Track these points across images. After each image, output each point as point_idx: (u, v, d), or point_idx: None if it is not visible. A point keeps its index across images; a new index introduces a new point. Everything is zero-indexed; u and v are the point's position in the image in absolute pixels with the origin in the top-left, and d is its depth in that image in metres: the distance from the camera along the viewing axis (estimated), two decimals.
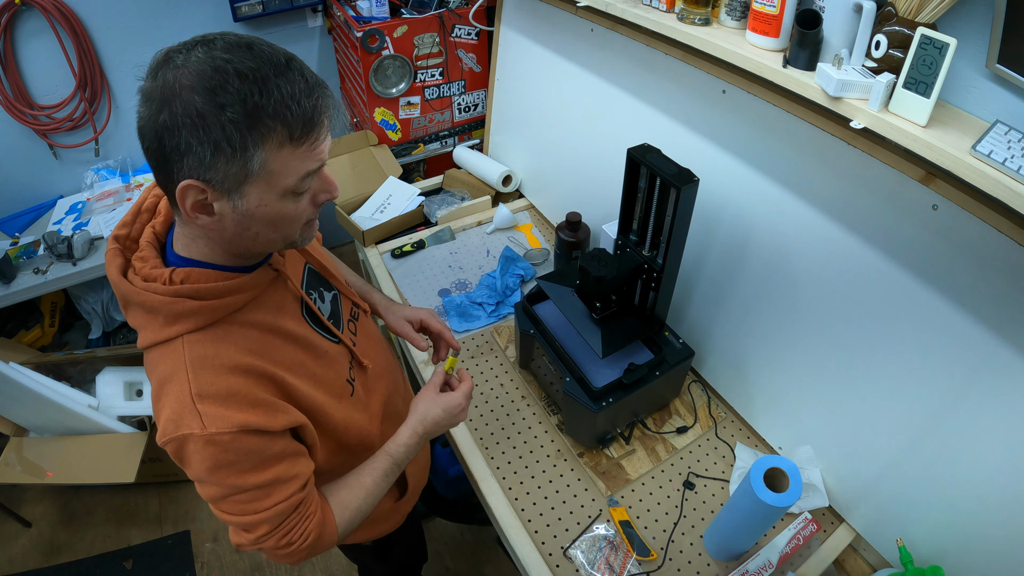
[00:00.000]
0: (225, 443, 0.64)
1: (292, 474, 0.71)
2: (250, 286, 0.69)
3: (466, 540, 1.84)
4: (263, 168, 0.57)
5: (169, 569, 1.80)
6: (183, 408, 0.63)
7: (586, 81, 1.40)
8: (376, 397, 0.92)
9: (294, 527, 0.72)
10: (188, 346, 0.65)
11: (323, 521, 0.75)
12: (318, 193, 0.66)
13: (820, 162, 0.92)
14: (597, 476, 1.11)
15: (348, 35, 1.82)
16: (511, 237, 1.68)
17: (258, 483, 0.68)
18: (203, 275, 0.66)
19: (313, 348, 0.78)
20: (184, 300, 0.64)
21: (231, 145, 0.55)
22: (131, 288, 0.65)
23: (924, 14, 0.71)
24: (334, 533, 0.77)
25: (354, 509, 0.79)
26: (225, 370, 0.65)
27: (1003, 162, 0.64)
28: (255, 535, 0.70)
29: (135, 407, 1.83)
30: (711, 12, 0.96)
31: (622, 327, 1.09)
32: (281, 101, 0.55)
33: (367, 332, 0.95)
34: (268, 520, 0.69)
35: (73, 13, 1.77)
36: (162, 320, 0.64)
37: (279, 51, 0.58)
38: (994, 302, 0.75)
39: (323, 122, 0.60)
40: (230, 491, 0.67)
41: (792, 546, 0.98)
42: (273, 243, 0.67)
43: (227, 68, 0.54)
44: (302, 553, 0.74)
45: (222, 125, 0.54)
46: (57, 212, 2.00)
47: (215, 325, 0.67)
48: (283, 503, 0.70)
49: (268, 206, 0.61)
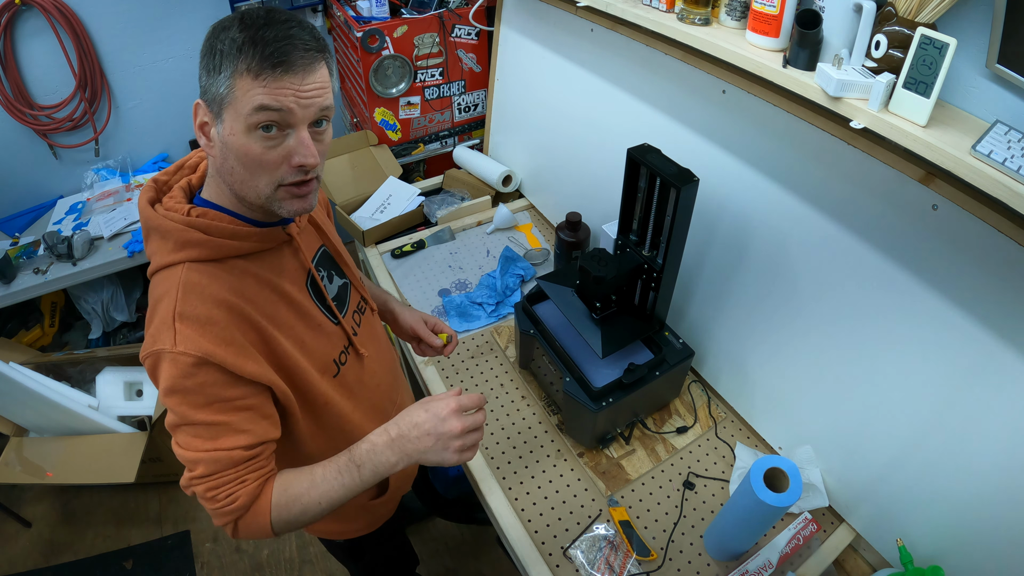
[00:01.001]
0: (186, 367, 0.66)
1: (244, 428, 0.71)
2: (258, 237, 0.74)
3: (466, 540, 1.84)
4: (229, 92, 0.64)
5: (169, 569, 1.80)
6: (163, 324, 0.67)
7: (586, 81, 1.40)
8: (367, 391, 0.92)
9: (226, 484, 0.71)
10: (186, 271, 0.69)
11: (258, 494, 0.73)
12: (291, 154, 0.67)
13: (820, 162, 0.92)
14: (597, 476, 1.11)
15: (348, 35, 1.82)
16: (511, 237, 1.68)
17: (206, 420, 0.69)
18: (218, 216, 0.72)
19: (308, 317, 0.80)
20: (193, 231, 0.70)
21: (215, 68, 0.64)
22: (153, 214, 0.72)
23: (924, 14, 0.71)
24: (266, 512, 0.74)
25: (292, 496, 0.75)
26: (211, 300, 0.69)
27: (1003, 162, 0.64)
28: (191, 474, 0.71)
29: (135, 407, 1.83)
30: (711, 12, 0.96)
31: (622, 327, 1.09)
32: (251, 39, 0.62)
33: (371, 328, 0.96)
34: (203, 462, 0.70)
35: (73, 13, 1.77)
36: (171, 245, 0.70)
37: (290, 15, 0.67)
38: (994, 302, 0.75)
39: (284, 63, 0.63)
40: (180, 420, 0.69)
41: (792, 546, 0.98)
42: (248, 186, 0.69)
43: (237, 17, 0.65)
44: (227, 515, 0.72)
45: (213, 51, 0.64)
46: (57, 212, 2.00)
47: (218, 263, 0.72)
48: (223, 451, 0.70)
49: (235, 136, 0.66)
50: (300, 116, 0.66)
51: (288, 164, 0.68)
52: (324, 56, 0.68)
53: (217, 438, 0.70)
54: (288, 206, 0.71)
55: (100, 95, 1.94)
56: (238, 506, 0.72)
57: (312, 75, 0.66)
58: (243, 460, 0.72)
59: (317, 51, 0.66)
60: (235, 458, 0.71)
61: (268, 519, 0.74)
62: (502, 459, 1.14)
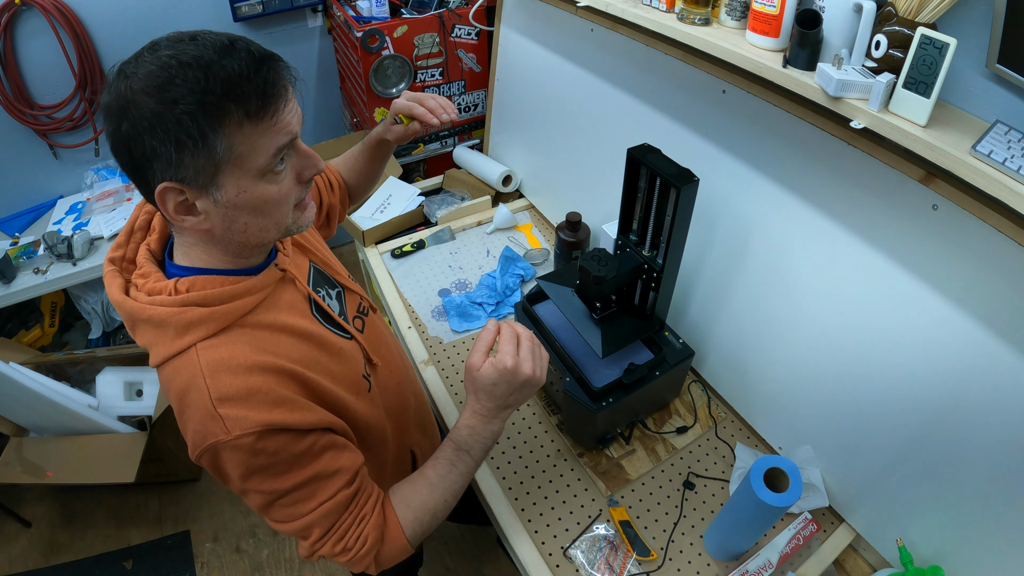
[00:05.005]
0: (251, 445, 0.61)
1: (334, 468, 0.68)
2: (258, 287, 0.68)
3: (466, 540, 1.84)
4: (230, 152, 0.56)
5: (169, 569, 1.80)
6: (206, 416, 0.61)
7: (586, 81, 1.40)
8: (390, 395, 0.91)
9: (348, 530, 0.69)
10: (202, 353, 0.62)
11: (383, 523, 0.71)
12: (301, 170, 0.64)
13: (820, 162, 0.92)
14: (597, 476, 1.11)
15: (348, 35, 1.82)
16: (511, 237, 1.68)
17: (297, 483, 0.65)
18: (209, 281, 0.64)
19: (327, 345, 0.76)
20: (192, 308, 0.62)
21: (191, 137, 0.54)
22: (136, 305, 0.63)
23: (924, 14, 0.71)
24: (400, 535, 0.72)
25: (418, 506, 0.74)
26: (243, 370, 0.63)
27: (1003, 162, 0.64)
28: (310, 541, 0.68)
29: (135, 407, 1.83)
30: (711, 12, 0.96)
31: (622, 327, 1.09)
32: (228, 80, 0.53)
33: (375, 329, 0.94)
34: (316, 523, 0.67)
35: (73, 13, 1.77)
36: (172, 332, 0.62)
37: (223, 35, 0.57)
38: (994, 302, 0.75)
39: (280, 93, 0.57)
40: (271, 496, 0.65)
41: (792, 546, 0.98)
42: (266, 231, 0.64)
43: (171, 63, 0.53)
44: (366, 558, 0.70)
45: (177, 119, 0.53)
46: (57, 212, 2.01)
47: (227, 331, 0.65)
48: (328, 502, 0.67)
49: (248, 192, 0.59)
50: (299, 131, 0.62)
51: (297, 183, 0.64)
52: (274, 56, 0.60)
53: (315, 494, 0.67)
54: (304, 220, 0.68)
55: (100, 95, 1.94)
56: (372, 544, 0.70)
57: (289, 86, 0.60)
58: (350, 499, 0.69)
59: (273, 56, 0.59)
60: (342, 501, 0.68)
61: (404, 540, 0.72)
62: (502, 459, 1.14)
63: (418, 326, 1.42)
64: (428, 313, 1.45)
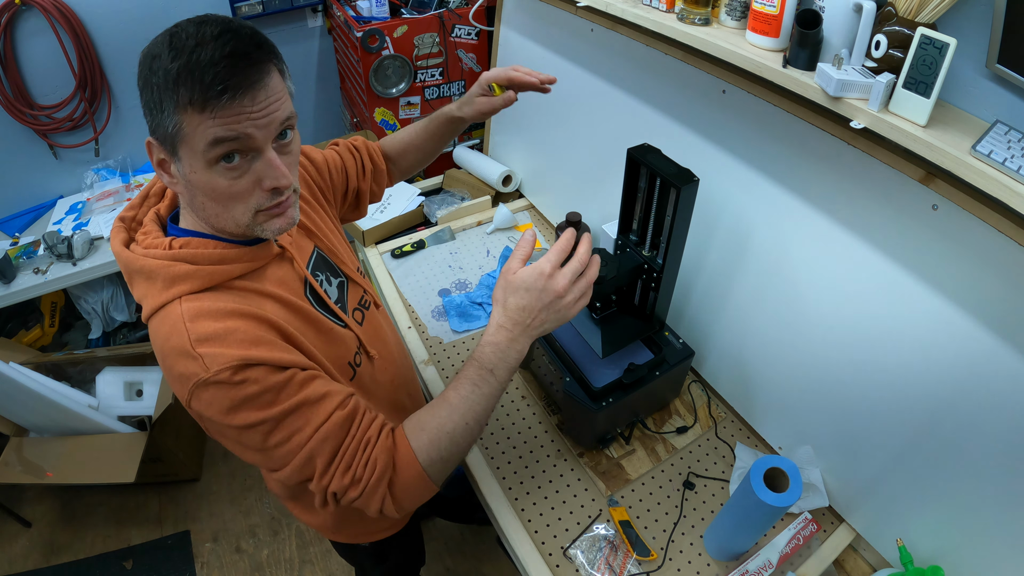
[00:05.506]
0: (229, 379, 0.61)
1: (322, 392, 0.65)
2: (248, 256, 0.70)
3: (466, 540, 1.84)
4: (179, 130, 0.59)
5: (169, 569, 1.80)
6: (185, 358, 0.62)
7: (586, 81, 1.40)
8: (383, 390, 0.91)
9: (355, 457, 0.64)
10: (185, 304, 0.65)
11: (392, 447, 0.66)
12: (262, 178, 0.63)
13: (820, 162, 0.92)
14: (597, 476, 1.11)
15: (348, 35, 1.82)
16: (511, 237, 1.68)
17: (284, 409, 0.63)
18: (201, 243, 0.68)
19: (314, 322, 0.75)
20: (180, 264, 0.65)
21: (157, 106, 0.59)
22: (131, 255, 0.67)
23: (924, 14, 0.71)
24: (412, 459, 0.66)
25: (434, 428, 0.67)
26: (222, 314, 0.64)
27: (1003, 162, 0.64)
28: (316, 476, 0.64)
29: (135, 407, 1.83)
30: (711, 12, 0.96)
31: (622, 327, 1.09)
32: (187, 68, 0.56)
33: (375, 324, 0.93)
34: (317, 450, 0.63)
35: (73, 13, 1.78)
36: (160, 284, 0.65)
37: (230, 24, 0.60)
38: (994, 302, 0.75)
39: (235, 90, 0.57)
40: (262, 432, 0.63)
41: (792, 546, 0.98)
42: (222, 220, 0.66)
43: (166, 40, 0.59)
44: (378, 489, 0.65)
45: (149, 85, 0.59)
46: (57, 212, 2.01)
47: (212, 290, 0.67)
48: (325, 424, 0.64)
49: (197, 174, 0.62)
50: (261, 138, 0.61)
51: (260, 189, 0.64)
52: (272, 61, 0.61)
53: (309, 420, 0.64)
54: (271, 227, 0.67)
55: (100, 95, 1.94)
56: (382, 469, 0.64)
57: (263, 90, 0.59)
58: (348, 420, 0.65)
59: (262, 60, 0.59)
60: (338, 422, 0.65)
61: (418, 466, 0.66)
62: (502, 459, 1.14)
63: (418, 326, 1.42)
64: (428, 313, 1.46)
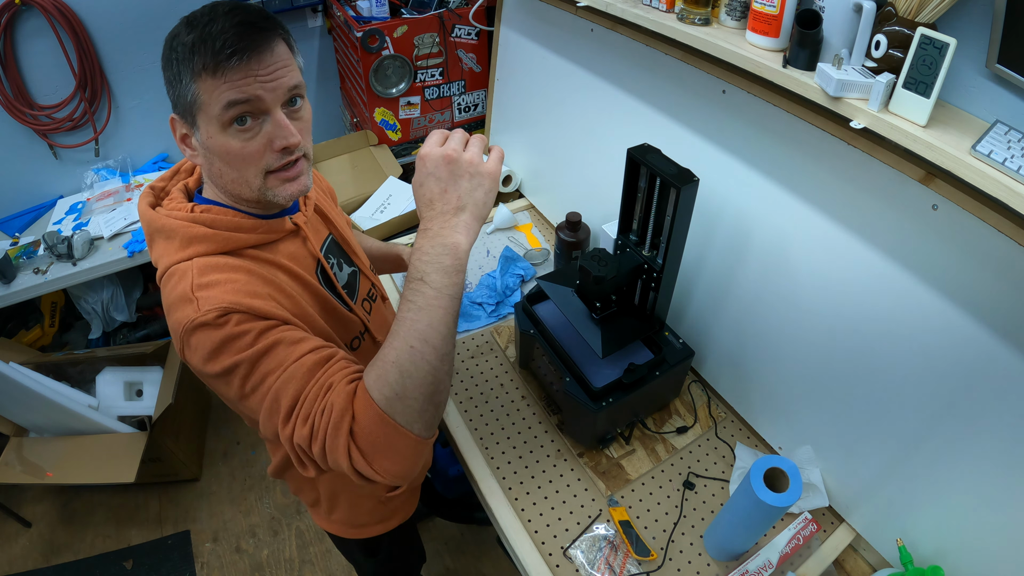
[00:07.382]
0: (215, 320, 0.63)
1: (299, 336, 0.66)
2: (264, 228, 0.74)
3: (466, 540, 1.84)
4: (196, 98, 0.64)
5: (169, 569, 1.80)
6: (184, 302, 0.65)
7: (586, 81, 1.40)
8: None
9: (314, 403, 0.61)
10: (198, 262, 0.69)
11: (352, 392, 0.62)
12: (273, 139, 0.67)
13: (820, 162, 0.92)
14: (597, 476, 1.11)
15: (348, 35, 1.82)
16: (511, 237, 1.68)
17: (260, 349, 0.63)
18: (222, 211, 0.72)
19: (323, 300, 0.79)
20: (199, 226, 0.70)
21: (177, 78, 0.65)
22: (155, 215, 0.72)
23: (924, 14, 0.71)
24: (367, 399, 0.60)
25: (380, 361, 0.62)
26: (229, 268, 0.69)
27: (1003, 162, 0.64)
28: (281, 420, 0.62)
29: (135, 407, 1.83)
30: (711, 12, 0.96)
31: (622, 327, 1.09)
32: (200, 38, 0.62)
33: (381, 315, 0.97)
34: (282, 391, 0.62)
35: (73, 13, 1.77)
36: (177, 244, 0.69)
37: (235, 3, 0.66)
38: (994, 302, 0.75)
39: (243, 53, 0.63)
40: (241, 374, 0.63)
41: (792, 546, 0.98)
42: (237, 185, 0.70)
43: (183, 22, 0.65)
44: (337, 435, 0.60)
45: (170, 61, 0.65)
46: (57, 212, 2.00)
47: (227, 255, 0.71)
48: (293, 364, 0.63)
49: (214, 138, 0.66)
50: (270, 100, 0.66)
51: (271, 150, 0.68)
52: (278, 33, 0.67)
53: (281, 361, 0.63)
54: (283, 192, 0.71)
55: (100, 95, 1.94)
56: (339, 413, 0.60)
57: (270, 55, 0.65)
58: (318, 365, 0.63)
59: (268, 29, 0.65)
60: (307, 364, 0.63)
61: (374, 405, 0.60)
62: (502, 459, 1.14)
63: None
64: None
